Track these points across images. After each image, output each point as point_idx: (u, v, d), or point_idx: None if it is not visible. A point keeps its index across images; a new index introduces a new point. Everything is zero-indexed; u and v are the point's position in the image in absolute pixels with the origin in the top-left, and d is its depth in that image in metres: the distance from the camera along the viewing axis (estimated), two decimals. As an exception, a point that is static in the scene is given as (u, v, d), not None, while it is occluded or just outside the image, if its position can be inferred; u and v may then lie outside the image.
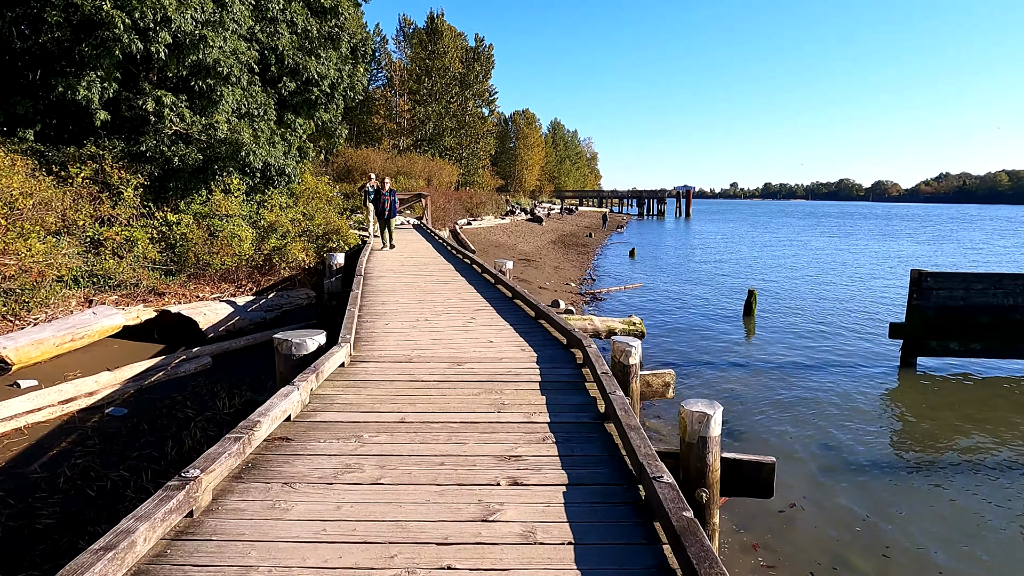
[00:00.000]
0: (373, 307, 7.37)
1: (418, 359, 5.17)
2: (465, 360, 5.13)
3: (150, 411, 7.21)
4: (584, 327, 12.26)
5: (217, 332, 10.21)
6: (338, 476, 2.96)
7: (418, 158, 44.16)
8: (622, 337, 5.62)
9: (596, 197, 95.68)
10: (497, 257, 25.54)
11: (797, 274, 24.98)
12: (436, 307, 7.42)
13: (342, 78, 18.13)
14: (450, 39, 55.04)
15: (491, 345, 5.64)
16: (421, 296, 8.19)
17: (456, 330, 6.21)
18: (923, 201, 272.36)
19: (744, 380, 10.93)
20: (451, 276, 10.14)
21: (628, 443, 3.11)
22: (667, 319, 16.08)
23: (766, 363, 12.00)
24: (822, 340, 13.74)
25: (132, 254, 11.47)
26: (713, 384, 10.55)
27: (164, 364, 8.48)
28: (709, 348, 13.16)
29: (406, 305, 7.53)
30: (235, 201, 13.38)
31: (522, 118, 79.17)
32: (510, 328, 6.30)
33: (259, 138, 14.36)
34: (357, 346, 5.52)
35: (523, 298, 7.48)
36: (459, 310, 7.25)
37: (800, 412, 9.22)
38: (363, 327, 6.26)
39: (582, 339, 5.31)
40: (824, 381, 10.84)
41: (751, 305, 16.66)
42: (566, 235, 42.24)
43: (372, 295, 8.23)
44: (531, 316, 6.92)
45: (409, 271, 10.84)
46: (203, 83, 13.28)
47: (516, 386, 4.47)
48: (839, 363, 12.05)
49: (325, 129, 20.51)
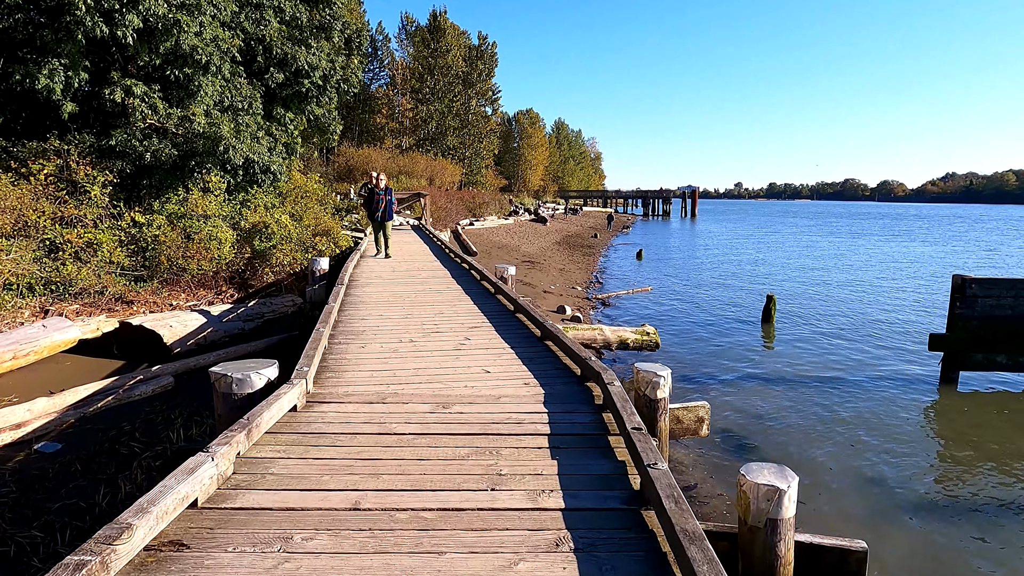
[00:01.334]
0: (351, 324, 6.29)
1: (394, 398, 4.08)
2: (453, 400, 4.04)
3: (90, 446, 6.14)
4: (594, 337, 11.17)
5: (185, 346, 9.14)
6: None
7: (420, 158, 43.23)
8: (648, 365, 4.55)
9: (600, 197, 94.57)
10: (500, 259, 24.43)
11: (815, 277, 23.79)
12: (425, 324, 6.33)
13: (335, 70, 17.06)
14: (453, 37, 54.17)
15: (487, 377, 4.56)
16: (409, 309, 7.10)
17: (446, 355, 5.13)
18: (929, 201, 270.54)
19: (767, 395, 9.83)
20: (446, 284, 9.05)
21: (688, 566, 2.02)
22: (679, 326, 14.97)
23: (790, 377, 10.90)
24: (849, 351, 12.61)
25: (97, 258, 10.41)
26: (733, 402, 9.45)
27: (116, 386, 7.41)
28: (727, 359, 12.05)
29: (390, 321, 6.44)
30: (214, 200, 12.32)
31: (526, 118, 78.30)
32: (511, 352, 5.21)
33: (242, 132, 13.31)
34: (320, 379, 4.44)
35: (527, 312, 6.39)
36: (452, 327, 6.17)
37: (830, 434, 8.12)
38: (334, 351, 5.18)
39: (601, 372, 4.22)
40: (855, 398, 9.72)
41: (770, 311, 15.53)
42: (571, 236, 41.13)
43: (352, 308, 7.14)
44: (536, 336, 5.83)
45: (400, 278, 9.75)
46: (179, 72, 12.22)
47: (518, 441, 3.37)
48: (870, 377, 10.92)
49: (318, 124, 19.44)
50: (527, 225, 41.53)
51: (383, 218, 12.59)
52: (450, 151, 53.05)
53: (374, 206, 12.49)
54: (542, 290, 18.55)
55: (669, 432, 4.93)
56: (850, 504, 6.25)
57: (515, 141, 77.16)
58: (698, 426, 5.37)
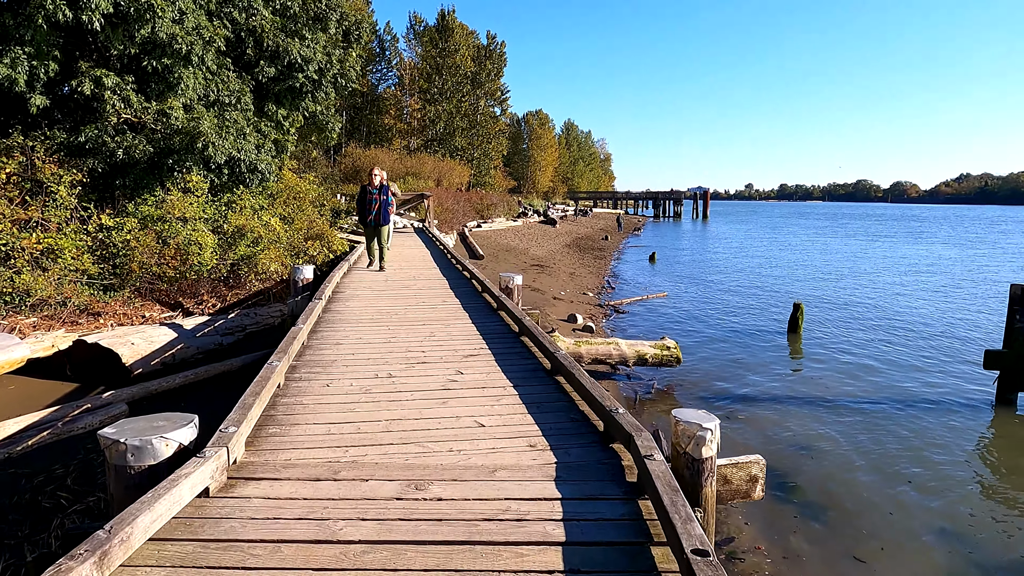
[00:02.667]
0: (321, 351, 5.19)
1: (351, 470, 2.97)
2: (431, 475, 2.92)
3: (5, 497, 5.09)
4: (609, 352, 10.05)
5: (149, 367, 8.10)
6: None
7: (428, 158, 42.31)
8: (690, 414, 3.46)
9: (610, 198, 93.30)
10: (507, 262, 23.30)
11: (840, 282, 22.42)
12: (411, 350, 5.23)
13: (331, 63, 16.00)
14: (461, 36, 53.37)
15: (480, 434, 3.45)
16: (395, 330, 5.99)
17: (430, 398, 4.02)
18: (943, 202, 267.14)
19: (800, 418, 8.70)
20: (442, 298, 7.94)
21: None
22: (698, 336, 13.83)
23: (824, 396, 9.75)
24: (888, 366, 11.39)
25: (58, 266, 9.39)
26: (765, 427, 8.33)
27: (55, 417, 6.36)
28: (753, 375, 10.90)
29: (369, 347, 5.33)
30: (195, 202, 11.29)
31: (535, 118, 77.37)
32: (513, 394, 4.10)
33: (228, 128, 12.28)
34: (259, 438, 3.34)
35: (533, 337, 5.27)
36: (443, 355, 5.06)
37: (874, 467, 7.02)
38: (289, 391, 4.09)
39: (633, 433, 3.10)
40: (899, 422, 8.54)
41: (797, 320, 14.34)
42: (581, 238, 39.99)
43: (329, 328, 6.05)
44: (545, 368, 4.72)
45: (391, 289, 8.64)
46: (157, 63, 11.21)
47: (518, 559, 2.26)
48: (914, 399, 9.72)
49: (316, 122, 18.40)
50: (536, 227, 40.43)
51: (377, 222, 10.69)
52: (458, 152, 52.14)
53: (366, 207, 10.70)
54: (551, 296, 17.48)
55: (716, 497, 3.83)
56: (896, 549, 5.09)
57: (524, 142, 76.23)
58: (750, 487, 4.23)
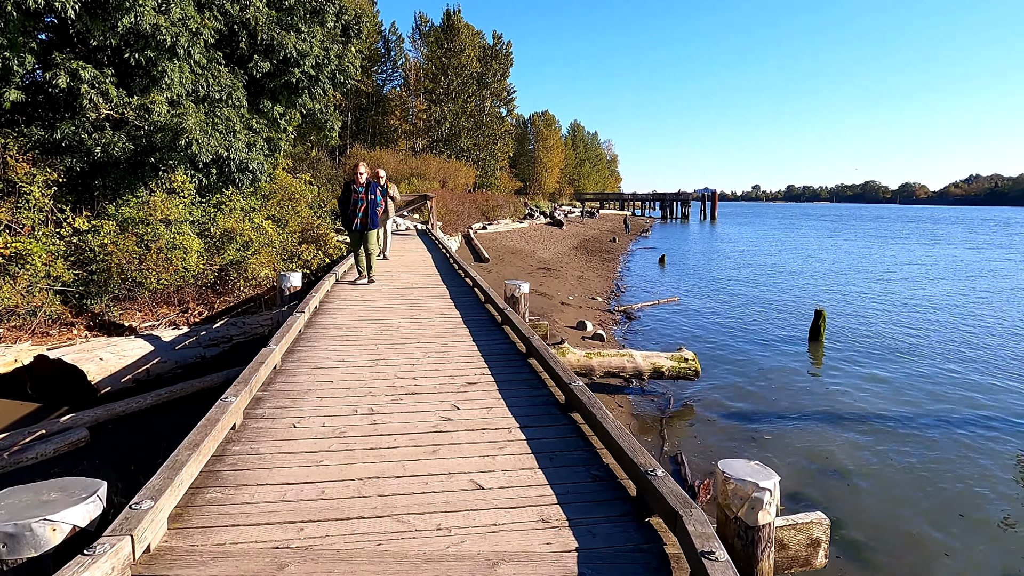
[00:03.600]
0: (295, 376, 4.43)
1: (300, 567, 2.20)
2: (409, 573, 2.17)
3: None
4: (622, 365, 9.27)
5: (119, 383, 7.37)
6: None
7: (433, 159, 41.65)
8: (740, 467, 2.72)
9: (617, 200, 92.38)
10: (514, 265, 22.51)
11: (860, 287, 21.45)
12: (400, 376, 4.46)
13: (329, 58, 15.28)
14: (467, 37, 52.73)
15: (478, 500, 2.68)
16: (385, 350, 5.22)
17: (418, 444, 3.24)
18: (953, 203, 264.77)
19: (834, 441, 7.87)
20: (441, 310, 7.16)
21: None
22: (713, 344, 13.02)
23: (857, 416, 8.90)
24: (921, 381, 10.53)
25: (27, 272, 8.68)
26: (797, 452, 7.50)
27: (3, 445, 5.64)
28: (775, 389, 10.09)
29: (352, 372, 4.56)
30: (179, 203, 10.57)
31: (541, 120, 76.68)
32: (520, 439, 3.31)
33: (217, 125, 11.56)
34: (192, 507, 2.57)
35: (543, 360, 4.49)
36: (437, 384, 4.29)
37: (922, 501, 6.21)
38: (245, 436, 3.31)
39: (680, 509, 2.32)
40: (944, 447, 7.70)
41: (819, 328, 13.50)
42: (588, 240, 39.18)
43: (309, 347, 5.29)
44: (558, 402, 3.95)
45: (385, 299, 7.87)
46: (140, 56, 10.50)
47: None
48: (960, 420, 8.87)
49: (314, 120, 17.70)
50: (542, 229, 39.64)
51: (363, 226, 9.02)
52: (464, 153, 51.47)
53: (350, 208, 8.97)
54: (559, 302, 16.70)
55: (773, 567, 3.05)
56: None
57: (530, 143, 75.56)
58: (811, 552, 3.44)
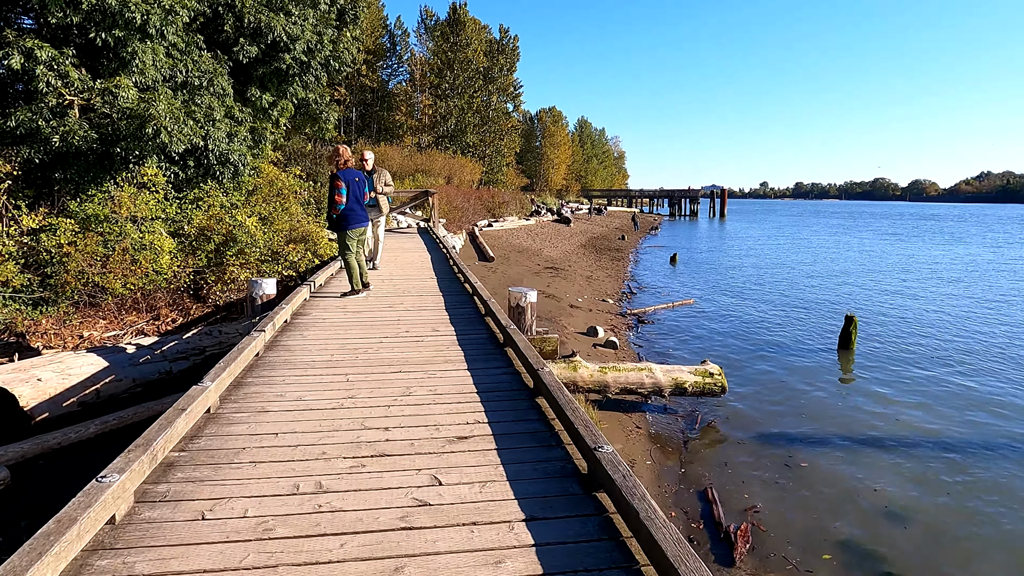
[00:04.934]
0: (230, 427, 3.35)
1: None
2: None
3: None
4: (641, 380, 8.19)
5: (60, 408, 6.34)
6: None
7: (438, 155, 40.71)
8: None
9: (625, 196, 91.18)
10: (520, 265, 21.41)
11: (886, 289, 20.23)
12: (369, 427, 3.34)
13: (322, 43, 14.24)
14: (473, 31, 51.81)
15: None
16: (355, 385, 4.09)
17: (373, 555, 2.15)
18: (964, 201, 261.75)
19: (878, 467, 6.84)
20: (433, 325, 6.07)
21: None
22: (735, 352, 11.95)
23: (898, 434, 7.85)
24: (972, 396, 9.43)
25: (-31, 277, 7.70)
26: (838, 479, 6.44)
27: None
28: (804, 404, 9.02)
29: (308, 417, 3.46)
30: (150, 199, 9.56)
31: (548, 116, 75.75)
32: (526, 543, 2.24)
33: (194, 113, 10.53)
34: None
35: (556, 406, 3.41)
36: (415, 440, 3.15)
37: (989, 545, 5.15)
38: (123, 537, 2.23)
39: None
40: (1004, 476, 6.68)
41: (850, 335, 12.39)
42: (597, 237, 38.07)
43: (260, 379, 4.21)
44: (579, 471, 2.89)
45: (369, 312, 6.77)
46: (107, 35, 9.48)
47: None
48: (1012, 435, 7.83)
49: (308, 111, 16.68)
50: (549, 226, 38.55)
51: (346, 224, 7.55)
52: (470, 149, 50.52)
53: (333, 199, 7.44)
54: (568, 304, 15.66)
55: None
56: None
57: (537, 140, 74.59)
58: None
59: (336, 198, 7.34)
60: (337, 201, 7.35)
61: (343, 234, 7.66)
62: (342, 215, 7.59)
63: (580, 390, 7.97)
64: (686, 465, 7.04)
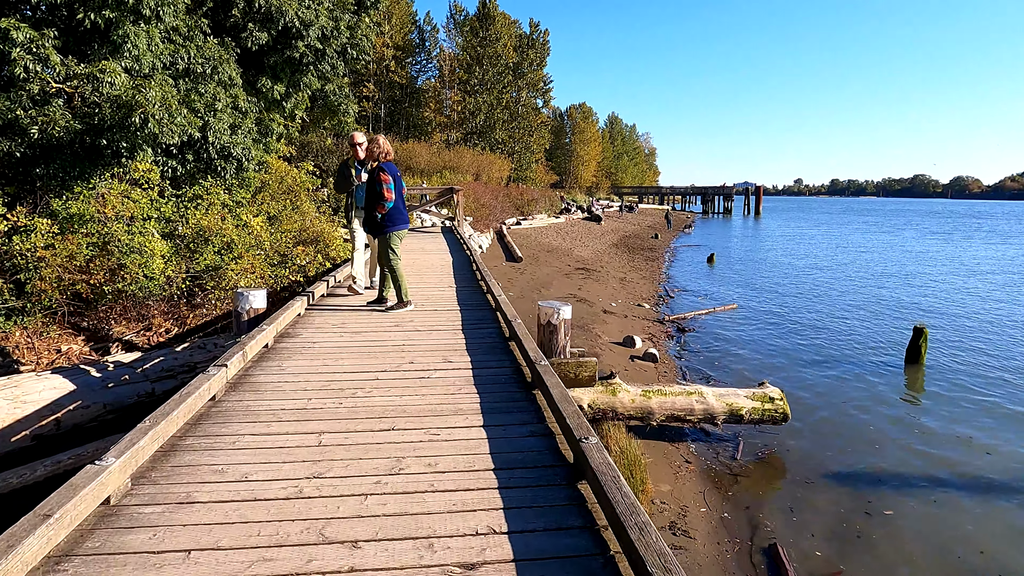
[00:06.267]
0: (129, 535, 2.29)
1: None
2: None
3: None
4: (690, 406, 6.96)
5: (7, 444, 5.39)
6: None
7: (467, 152, 39.84)
8: None
9: (656, 194, 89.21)
10: (549, 265, 20.16)
11: (942, 294, 18.47)
12: (328, 540, 2.26)
13: (339, 30, 13.22)
14: (503, 25, 50.92)
15: None
16: (328, 453, 2.89)
17: None
18: (1009, 198, 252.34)
19: (975, 516, 5.66)
20: (443, 354, 4.90)
21: None
22: (787, 367, 10.68)
23: (990, 469, 6.63)
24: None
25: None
26: (933, 532, 5.27)
27: None
28: (875, 432, 7.79)
29: (250, 517, 2.37)
30: (141, 197, 8.62)
31: (578, 112, 74.45)
32: None
33: (193, 102, 9.58)
34: None
35: (605, 498, 2.27)
36: (398, 571, 2.13)
37: None
38: None
39: None
40: None
41: (919, 349, 10.98)
42: (629, 236, 36.69)
43: (201, 442, 3.10)
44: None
45: (369, 332, 5.61)
46: (96, 16, 8.56)
47: None
48: None
49: (327, 103, 15.72)
50: (580, 224, 37.25)
51: (393, 224, 6.62)
52: (499, 145, 49.55)
53: (380, 194, 6.43)
54: (601, 309, 14.48)
55: None
56: None
57: (567, 136, 73.31)
58: None
59: (385, 193, 6.32)
60: (386, 197, 6.32)
61: (389, 237, 6.59)
62: (389, 215, 6.55)
63: (620, 417, 6.90)
64: (745, 512, 5.89)
